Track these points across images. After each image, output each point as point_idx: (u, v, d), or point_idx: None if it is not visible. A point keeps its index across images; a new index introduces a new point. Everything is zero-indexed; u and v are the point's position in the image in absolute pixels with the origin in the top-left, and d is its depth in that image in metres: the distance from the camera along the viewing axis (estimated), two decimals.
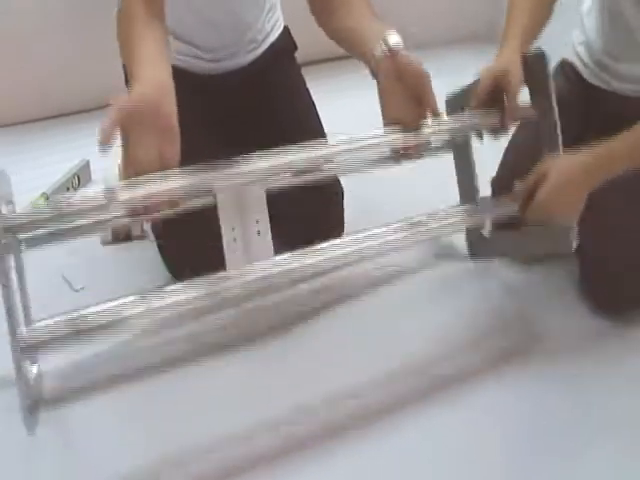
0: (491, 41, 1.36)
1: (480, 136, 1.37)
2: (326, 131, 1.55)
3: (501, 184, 1.56)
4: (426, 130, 1.24)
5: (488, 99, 1.31)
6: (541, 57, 1.30)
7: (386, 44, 1.19)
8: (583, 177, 1.26)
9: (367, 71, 1.26)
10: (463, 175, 1.60)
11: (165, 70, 1.06)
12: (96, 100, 2.13)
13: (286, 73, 1.64)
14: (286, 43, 1.66)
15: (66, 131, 2.14)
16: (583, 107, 1.51)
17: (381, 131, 1.24)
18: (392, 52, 1.19)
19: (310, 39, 1.58)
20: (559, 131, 1.31)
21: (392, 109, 1.22)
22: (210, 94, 1.52)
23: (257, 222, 1.23)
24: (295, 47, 1.67)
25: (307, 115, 1.62)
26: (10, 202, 1.11)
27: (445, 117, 1.28)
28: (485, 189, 1.59)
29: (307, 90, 1.66)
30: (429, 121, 1.23)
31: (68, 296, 1.53)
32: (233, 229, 1.21)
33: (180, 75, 1.21)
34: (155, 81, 1.03)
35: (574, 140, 1.31)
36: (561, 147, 1.32)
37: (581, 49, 1.56)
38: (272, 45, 1.62)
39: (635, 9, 1.38)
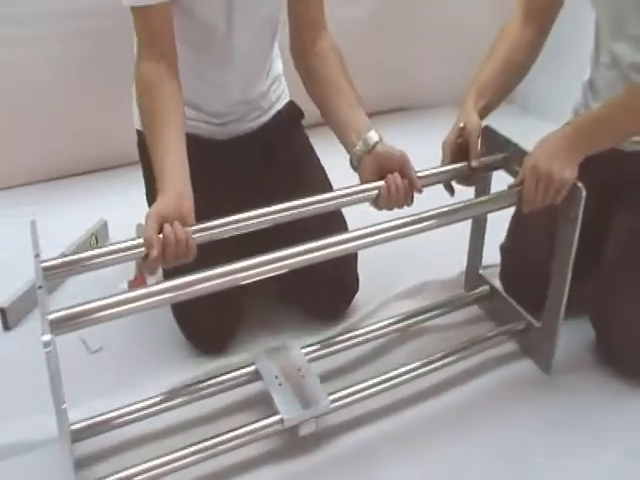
0: (505, 100, 1.39)
1: (449, 188, 1.45)
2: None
3: (509, 252, 1.65)
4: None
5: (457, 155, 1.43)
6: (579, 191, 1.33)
7: (365, 144, 1.35)
8: (566, 143, 1.32)
9: None
10: (474, 244, 1.68)
11: (184, 176, 1.22)
12: (113, 159, 2.19)
13: (293, 139, 1.67)
14: (292, 112, 1.70)
15: (83, 190, 2.17)
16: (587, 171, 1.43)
17: None
18: (371, 151, 1.35)
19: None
20: None
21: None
22: (220, 158, 1.55)
23: (299, 370, 1.38)
24: (302, 115, 1.70)
25: (315, 177, 1.64)
26: (37, 255, 1.15)
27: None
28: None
29: (314, 153, 1.69)
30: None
31: (85, 358, 1.55)
32: (276, 377, 1.36)
33: (190, 140, 1.26)
34: (176, 192, 1.18)
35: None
36: None
37: (583, 104, 1.58)
38: (279, 112, 1.66)
39: None
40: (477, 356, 1.53)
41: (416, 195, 1.35)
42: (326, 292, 1.58)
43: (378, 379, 1.40)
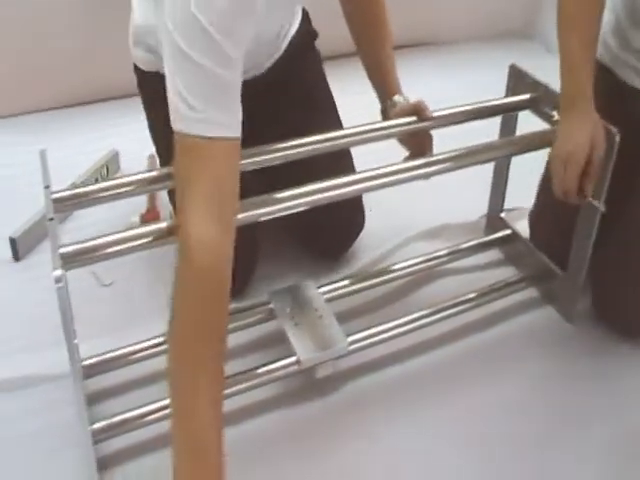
0: (527, 38, 1.31)
1: None
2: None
3: (538, 220, 1.58)
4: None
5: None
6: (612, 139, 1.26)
7: (393, 104, 1.40)
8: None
9: None
10: (497, 187, 1.63)
11: None
12: (124, 88, 2.12)
13: (305, 70, 1.58)
14: (305, 37, 1.58)
15: (95, 119, 2.11)
16: (619, 115, 1.32)
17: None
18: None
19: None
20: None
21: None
22: None
23: (316, 310, 1.33)
24: (315, 35, 1.61)
25: (325, 113, 1.58)
26: (48, 186, 1.10)
27: None
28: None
29: (326, 86, 1.61)
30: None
31: (97, 292, 1.52)
32: (292, 317, 1.32)
33: None
34: None
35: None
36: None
37: (613, 41, 1.45)
38: (291, 41, 1.54)
39: None
40: (498, 301, 1.50)
41: (437, 136, 1.36)
42: (332, 228, 1.55)
43: (397, 322, 1.37)
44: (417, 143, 1.41)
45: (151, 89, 1.43)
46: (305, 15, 1.59)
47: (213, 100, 0.95)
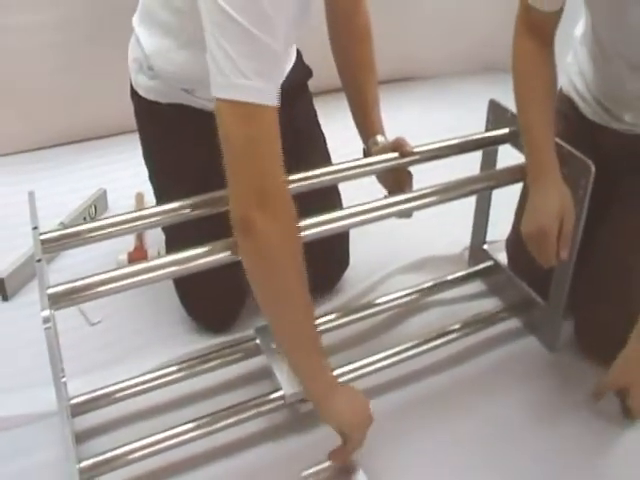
0: (508, 71, 1.34)
1: None
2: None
3: (514, 250, 1.61)
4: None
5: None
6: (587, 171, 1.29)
7: (375, 143, 1.43)
8: None
9: None
10: (479, 219, 1.66)
11: None
12: (111, 127, 2.15)
13: (297, 109, 1.59)
14: (299, 73, 1.61)
15: (82, 158, 2.12)
16: (585, 147, 1.34)
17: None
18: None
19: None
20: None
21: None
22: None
23: None
24: (309, 73, 1.64)
25: (316, 150, 1.60)
26: (35, 227, 1.12)
27: None
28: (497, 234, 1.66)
29: (318, 125, 1.64)
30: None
31: (85, 330, 1.53)
32: (278, 352, 1.34)
33: (193, 114, 1.21)
34: None
35: None
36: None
37: (578, 80, 1.50)
38: (287, 77, 1.60)
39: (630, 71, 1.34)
40: (482, 332, 1.52)
41: (418, 171, 1.38)
42: (317, 265, 1.55)
43: (382, 355, 1.39)
44: (396, 181, 1.44)
45: (148, 116, 1.46)
46: (299, 54, 1.62)
47: (263, 68, 0.98)
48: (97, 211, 1.86)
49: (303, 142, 1.56)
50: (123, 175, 1.91)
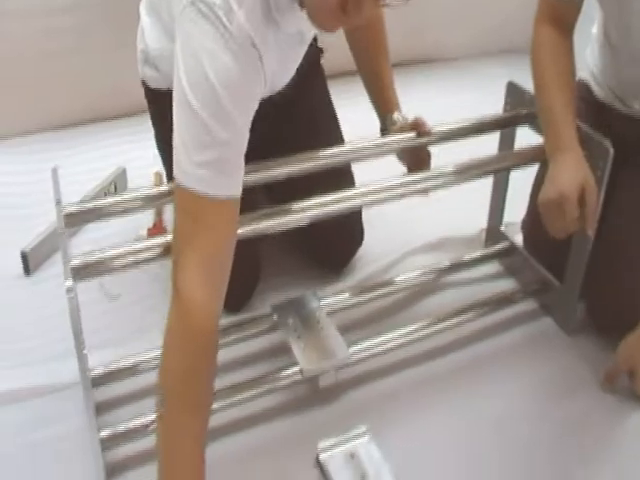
0: (526, 53, 1.35)
1: None
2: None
3: (530, 230, 1.61)
4: None
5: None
6: (605, 153, 1.30)
7: (392, 121, 1.44)
8: None
9: None
10: (496, 200, 1.66)
11: None
12: (130, 107, 2.16)
13: (310, 88, 1.60)
14: (312, 55, 1.56)
15: (102, 137, 2.15)
16: (601, 130, 1.36)
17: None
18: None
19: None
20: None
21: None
22: None
23: (318, 321, 1.36)
24: (321, 52, 1.63)
25: (328, 131, 1.61)
26: (59, 201, 1.14)
27: None
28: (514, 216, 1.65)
29: (331, 104, 1.64)
30: None
31: (105, 305, 1.55)
32: (295, 329, 1.35)
33: None
34: None
35: None
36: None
37: (596, 70, 1.51)
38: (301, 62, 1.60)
39: None
40: (497, 313, 1.53)
41: (436, 152, 1.38)
42: (332, 241, 1.59)
43: (397, 333, 1.40)
44: (415, 160, 1.45)
45: (160, 105, 1.46)
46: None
47: (216, 161, 0.98)
48: (117, 189, 1.88)
49: (317, 121, 1.57)
50: (142, 154, 1.92)
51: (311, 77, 1.58)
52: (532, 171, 1.52)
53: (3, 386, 1.33)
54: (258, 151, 1.30)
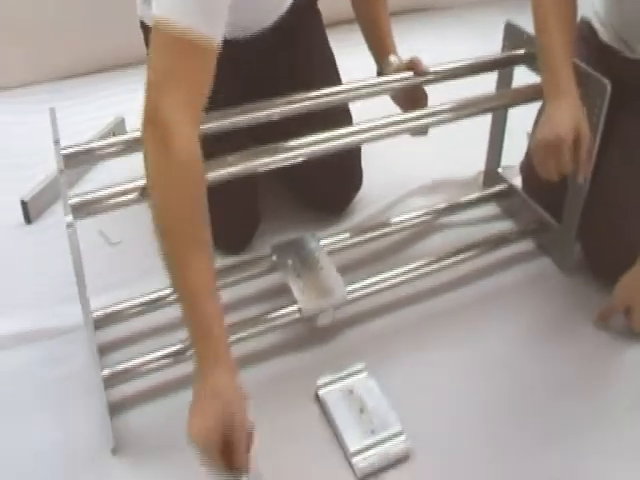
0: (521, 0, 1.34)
1: None
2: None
3: (529, 172, 1.59)
4: None
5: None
6: (603, 90, 1.29)
7: (389, 64, 1.44)
8: None
9: None
10: (494, 142, 1.66)
11: (234, 369, 1.01)
12: (130, 57, 2.16)
13: (307, 28, 1.61)
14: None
15: (101, 88, 2.15)
16: (601, 70, 1.35)
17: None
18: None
19: None
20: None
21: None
22: (237, 55, 1.48)
23: (317, 261, 1.37)
24: None
25: (326, 70, 1.61)
26: (57, 141, 1.14)
27: None
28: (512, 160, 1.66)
29: (328, 44, 1.65)
30: None
31: (105, 251, 1.57)
32: (294, 269, 1.36)
33: None
34: (231, 395, 0.97)
35: None
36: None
37: (601, 10, 1.49)
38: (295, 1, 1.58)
39: None
40: (495, 253, 1.54)
41: (433, 92, 1.39)
42: (331, 183, 1.60)
43: (395, 272, 1.42)
44: (411, 99, 1.45)
45: None
46: None
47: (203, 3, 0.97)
48: None
49: (315, 61, 1.58)
50: (141, 104, 1.91)
51: (308, 17, 1.59)
52: (531, 115, 1.52)
53: (12, 328, 1.36)
54: (255, 89, 1.31)
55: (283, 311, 1.31)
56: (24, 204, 1.62)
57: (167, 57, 0.99)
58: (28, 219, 1.64)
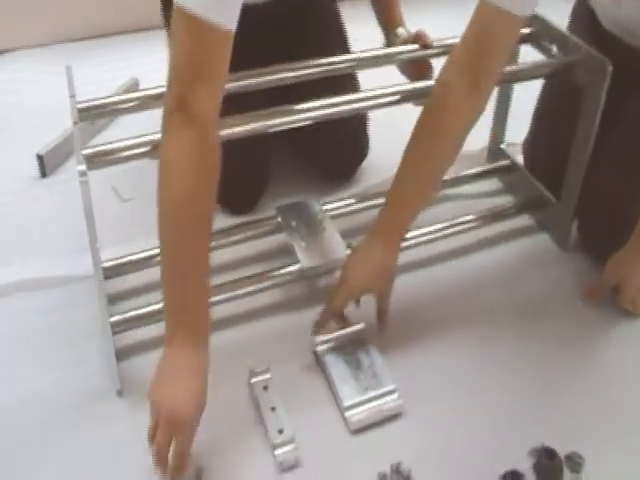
0: None
1: None
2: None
3: (533, 154, 1.64)
4: None
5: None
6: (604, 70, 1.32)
7: (396, 36, 1.49)
8: None
9: None
10: (499, 117, 1.69)
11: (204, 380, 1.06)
12: (145, 21, 2.20)
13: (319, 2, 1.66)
14: None
15: (115, 50, 2.21)
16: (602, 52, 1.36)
17: None
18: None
19: None
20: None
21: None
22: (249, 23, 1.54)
23: (320, 224, 1.43)
24: None
25: (336, 39, 1.65)
26: (73, 95, 1.19)
27: None
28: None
29: (339, 14, 1.69)
30: None
31: (117, 207, 1.62)
32: (298, 230, 1.42)
33: None
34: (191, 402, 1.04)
35: None
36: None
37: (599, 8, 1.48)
38: None
39: None
40: (495, 226, 1.58)
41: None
42: (338, 151, 1.65)
43: None
44: (417, 71, 1.49)
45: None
46: None
47: None
48: None
49: (325, 30, 1.63)
50: (154, 67, 1.95)
51: None
52: (535, 94, 1.55)
53: (25, 274, 1.42)
54: (265, 56, 1.35)
55: (286, 270, 1.36)
56: (40, 158, 1.67)
57: (190, 44, 1.01)
58: (44, 173, 1.69)
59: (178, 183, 1.04)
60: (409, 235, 1.46)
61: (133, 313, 1.28)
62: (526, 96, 1.60)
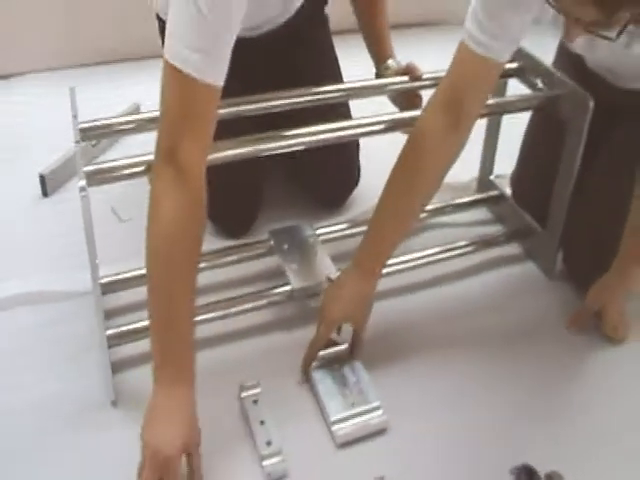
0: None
1: None
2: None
3: (520, 187, 1.70)
4: None
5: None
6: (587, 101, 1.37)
7: (387, 67, 1.56)
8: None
9: None
10: (488, 149, 1.75)
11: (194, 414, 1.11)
12: (147, 49, 2.26)
13: (314, 31, 1.69)
14: (316, 3, 1.70)
15: (117, 77, 2.27)
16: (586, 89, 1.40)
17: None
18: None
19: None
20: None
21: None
22: (244, 53, 1.58)
23: (311, 247, 1.48)
24: (325, 1, 1.71)
25: (330, 72, 1.69)
26: (75, 115, 1.24)
27: None
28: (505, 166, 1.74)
29: (332, 48, 1.73)
30: None
31: (116, 226, 1.67)
32: (289, 253, 1.47)
33: None
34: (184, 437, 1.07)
35: None
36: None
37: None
38: (303, 4, 1.64)
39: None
40: (482, 254, 1.62)
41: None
42: (327, 180, 1.70)
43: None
44: (408, 101, 1.55)
45: None
46: None
47: (206, 49, 1.02)
48: None
49: (319, 62, 1.67)
50: (156, 93, 2.01)
51: (315, 20, 1.68)
52: (523, 128, 1.60)
53: (25, 290, 1.47)
54: (258, 87, 1.39)
55: (277, 290, 1.41)
56: (42, 178, 1.72)
57: (179, 98, 1.06)
58: (45, 192, 1.74)
59: (163, 232, 1.08)
60: (400, 260, 1.51)
61: (129, 327, 1.31)
62: (515, 130, 1.66)
